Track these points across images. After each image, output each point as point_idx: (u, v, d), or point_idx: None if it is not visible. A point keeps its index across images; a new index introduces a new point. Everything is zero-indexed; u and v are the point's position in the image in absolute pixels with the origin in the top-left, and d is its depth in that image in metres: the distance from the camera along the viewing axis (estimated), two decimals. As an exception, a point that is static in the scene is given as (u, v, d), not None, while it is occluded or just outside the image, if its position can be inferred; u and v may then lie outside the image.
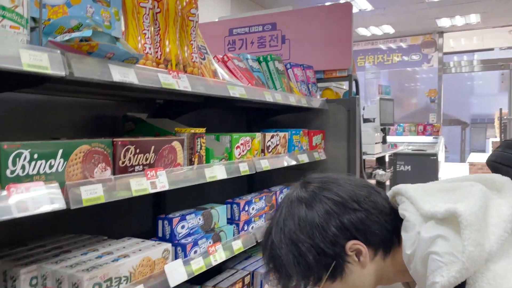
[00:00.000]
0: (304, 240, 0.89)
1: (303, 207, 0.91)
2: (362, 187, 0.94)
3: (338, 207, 0.89)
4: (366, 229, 0.90)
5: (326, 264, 0.89)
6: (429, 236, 0.84)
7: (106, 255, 1.07)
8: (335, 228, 0.88)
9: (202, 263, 1.27)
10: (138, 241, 1.20)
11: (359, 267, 0.91)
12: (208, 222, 1.40)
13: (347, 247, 0.89)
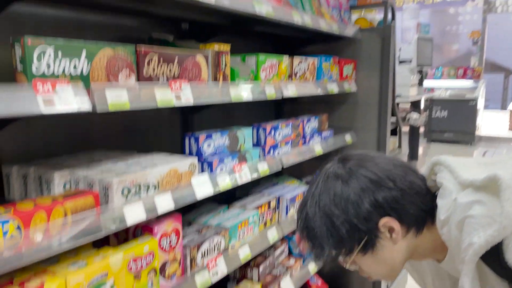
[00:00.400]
0: (338, 215, 0.92)
1: (339, 183, 0.93)
2: (399, 167, 0.96)
3: (374, 185, 0.92)
4: (400, 207, 0.92)
5: (359, 238, 0.93)
6: (466, 201, 0.87)
7: (135, 165, 1.11)
8: (369, 205, 0.91)
9: (228, 181, 1.30)
10: (166, 155, 1.23)
11: (391, 243, 0.94)
12: (234, 143, 1.41)
13: (380, 224, 0.92)
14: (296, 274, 1.76)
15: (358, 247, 0.94)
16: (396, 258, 0.98)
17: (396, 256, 0.98)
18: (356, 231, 0.93)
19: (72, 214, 0.87)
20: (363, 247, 0.94)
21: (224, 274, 1.30)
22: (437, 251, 1.02)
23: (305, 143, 1.83)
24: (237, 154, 1.39)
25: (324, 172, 0.98)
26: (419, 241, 0.99)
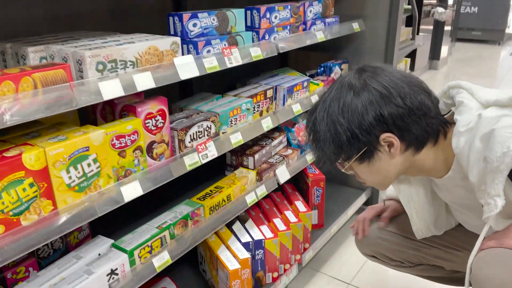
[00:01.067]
0: (342, 123, 0.95)
1: (351, 94, 0.96)
2: (413, 86, 0.96)
3: (383, 99, 0.93)
4: (403, 125, 0.94)
5: (358, 147, 0.97)
6: (492, 115, 0.90)
7: (113, 41, 1.06)
8: (373, 118, 0.93)
9: (216, 63, 1.25)
10: (147, 35, 1.18)
11: (388, 157, 0.98)
12: (223, 24, 1.34)
13: (381, 138, 0.95)
14: (292, 163, 1.79)
15: (356, 156, 0.99)
16: (390, 171, 1.03)
17: (391, 169, 1.02)
18: (357, 140, 0.96)
19: (43, 87, 0.86)
20: (361, 156, 0.99)
21: (214, 156, 1.31)
22: (436, 169, 1.06)
23: (306, 29, 1.72)
24: (227, 37, 1.32)
25: (340, 80, 1.01)
26: (417, 159, 1.02)
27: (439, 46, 5.57)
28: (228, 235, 1.58)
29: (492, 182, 0.88)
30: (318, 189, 1.97)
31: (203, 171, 1.73)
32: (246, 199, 1.53)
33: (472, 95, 1.00)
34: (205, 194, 1.44)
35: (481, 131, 0.90)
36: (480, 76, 5.49)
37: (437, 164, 1.05)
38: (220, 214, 1.43)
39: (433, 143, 1.01)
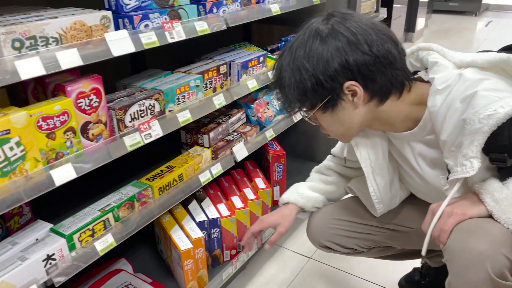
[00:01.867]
0: (307, 69, 0.95)
1: (318, 39, 0.95)
2: (381, 34, 0.94)
3: (350, 46, 0.92)
4: (368, 73, 0.93)
5: (322, 95, 0.97)
6: (476, 77, 0.91)
7: (36, 17, 1.00)
8: (338, 65, 0.92)
9: (155, 39, 1.19)
10: (77, 9, 1.11)
11: (352, 106, 0.99)
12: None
13: (345, 86, 0.95)
14: (251, 140, 1.76)
15: (320, 104, 0.99)
16: (353, 121, 1.04)
17: (354, 119, 1.03)
18: (321, 87, 0.96)
19: (-52, 66, 0.80)
20: (324, 105, 0.99)
21: (159, 135, 1.27)
22: (399, 123, 1.08)
23: (260, 1, 1.67)
24: (168, 10, 1.26)
25: (308, 26, 0.99)
26: (380, 110, 1.03)
27: (414, 18, 5.53)
28: (183, 215, 1.56)
29: (470, 143, 0.89)
30: (279, 165, 1.96)
31: (160, 149, 1.70)
32: (200, 178, 1.51)
33: (444, 56, 1.01)
34: (154, 174, 1.41)
35: (462, 91, 0.91)
36: (456, 48, 5.48)
37: (400, 118, 1.05)
38: (171, 195, 1.40)
39: (398, 96, 1.01)
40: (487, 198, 0.94)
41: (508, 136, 0.86)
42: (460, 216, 0.95)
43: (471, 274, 0.88)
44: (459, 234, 0.93)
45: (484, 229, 0.91)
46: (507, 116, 0.85)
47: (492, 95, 0.88)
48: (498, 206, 0.92)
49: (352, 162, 1.39)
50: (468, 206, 0.97)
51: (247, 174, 1.92)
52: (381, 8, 2.34)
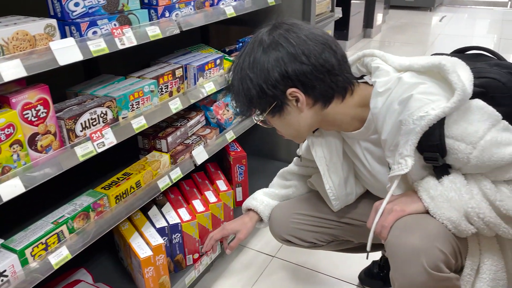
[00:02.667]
0: (251, 78, 1.02)
1: (261, 50, 1.02)
2: (320, 44, 1.00)
3: (289, 57, 0.98)
4: (307, 82, 1.00)
5: (268, 102, 1.04)
6: (413, 81, 0.98)
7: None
8: (278, 75, 0.99)
9: (104, 45, 1.17)
10: (20, 17, 1.07)
11: (297, 111, 1.06)
12: (113, 2, 1.25)
13: (287, 93, 1.02)
14: (211, 143, 1.76)
15: (268, 109, 1.06)
16: (301, 124, 1.10)
17: (301, 122, 1.09)
18: (265, 95, 1.03)
19: None
20: (272, 110, 1.06)
21: (113, 143, 1.25)
22: (346, 124, 1.15)
23: (214, 4, 1.66)
24: (117, 16, 1.23)
25: (256, 36, 1.05)
26: (326, 113, 1.10)
27: (372, 14, 5.66)
28: (143, 222, 1.54)
29: (405, 143, 0.97)
30: (241, 166, 1.97)
31: (117, 156, 1.67)
32: (159, 184, 1.49)
33: (385, 61, 1.09)
34: (111, 183, 1.39)
35: (400, 94, 0.99)
36: (413, 42, 5.67)
37: (346, 119, 1.13)
38: (129, 202, 1.39)
39: (341, 99, 1.08)
40: (424, 195, 1.01)
41: (439, 136, 0.93)
42: (399, 213, 1.03)
43: (408, 268, 0.95)
44: (397, 230, 1.00)
45: (419, 224, 0.98)
46: (437, 118, 0.92)
47: (425, 98, 0.95)
48: (433, 202, 0.99)
49: (311, 162, 1.42)
50: (407, 203, 1.04)
51: (209, 177, 1.92)
52: (336, 7, 2.38)
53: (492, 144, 0.94)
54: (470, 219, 0.97)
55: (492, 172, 0.97)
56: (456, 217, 0.97)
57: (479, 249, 1.04)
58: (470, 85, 0.96)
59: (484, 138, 0.94)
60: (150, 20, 1.37)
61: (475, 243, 1.04)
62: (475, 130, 0.94)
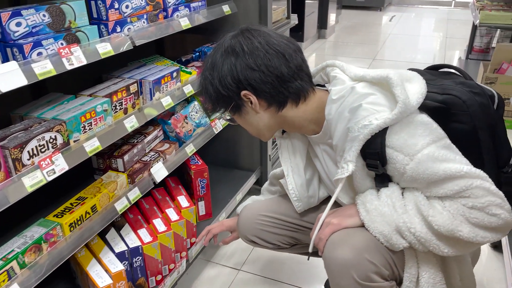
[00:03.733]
0: (211, 81, 1.10)
1: (219, 54, 1.09)
2: (273, 52, 1.06)
3: (240, 63, 1.05)
4: (256, 86, 1.07)
5: (226, 102, 1.12)
6: (363, 92, 1.03)
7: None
8: (231, 79, 1.07)
9: (51, 67, 1.09)
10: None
11: (253, 111, 1.13)
12: (59, 20, 1.17)
13: (242, 94, 1.09)
14: (170, 158, 1.70)
15: (228, 108, 1.14)
16: (259, 124, 1.17)
17: (259, 122, 1.16)
18: (222, 96, 1.11)
19: None
20: (232, 110, 1.14)
21: (64, 170, 1.18)
22: (304, 128, 1.19)
23: (168, 16, 1.61)
24: (64, 34, 1.16)
25: (222, 41, 1.11)
26: (283, 116, 1.15)
27: (325, 15, 5.75)
28: (101, 247, 1.46)
29: (350, 149, 1.02)
30: (202, 180, 1.92)
31: (69, 178, 1.57)
32: (116, 207, 1.42)
33: (343, 71, 1.14)
34: (64, 209, 1.31)
35: (351, 103, 1.04)
36: (365, 42, 5.81)
37: (304, 123, 1.17)
38: (85, 229, 1.31)
39: (295, 104, 1.13)
40: (361, 208, 1.07)
41: (380, 145, 0.99)
42: (336, 226, 1.09)
43: (340, 281, 1.02)
44: (331, 244, 1.07)
45: (351, 238, 1.05)
46: (378, 128, 0.97)
47: (372, 108, 1.00)
48: (368, 216, 1.05)
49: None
50: (345, 216, 1.11)
51: (169, 193, 1.86)
52: (292, 14, 2.39)
53: (429, 158, 0.98)
54: (402, 233, 1.02)
55: (428, 186, 1.01)
56: (387, 231, 1.02)
57: (417, 262, 1.10)
58: (416, 98, 1.01)
59: (421, 151, 0.98)
60: (101, 37, 1.30)
61: (412, 256, 1.09)
62: (414, 143, 0.98)
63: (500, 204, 0.96)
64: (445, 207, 0.99)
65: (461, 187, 0.96)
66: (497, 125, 1.10)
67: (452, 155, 1.00)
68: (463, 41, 5.16)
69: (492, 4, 3.73)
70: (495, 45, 3.68)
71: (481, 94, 1.08)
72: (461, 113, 1.05)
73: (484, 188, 0.96)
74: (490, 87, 1.16)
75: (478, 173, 0.97)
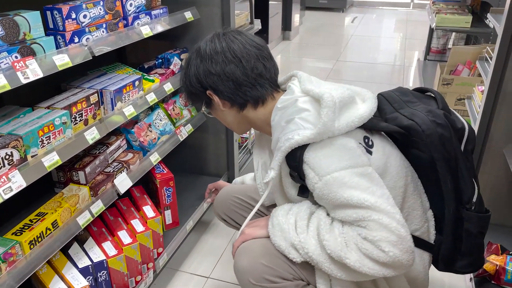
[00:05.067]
0: (183, 78, 1.24)
1: (192, 55, 1.21)
2: (232, 58, 1.14)
3: (203, 65, 1.16)
4: (216, 88, 1.17)
5: (198, 98, 1.24)
6: (301, 106, 1.08)
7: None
8: (196, 80, 1.19)
9: (5, 82, 1.05)
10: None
11: (219, 108, 1.22)
12: (12, 32, 1.13)
13: (207, 93, 1.20)
14: (134, 168, 1.67)
15: (202, 103, 1.26)
16: (228, 120, 1.26)
17: (227, 118, 1.26)
18: (192, 93, 1.23)
19: None
20: (206, 104, 1.25)
21: (22, 187, 1.13)
22: (264, 128, 1.26)
23: (128, 24, 1.58)
24: (18, 47, 1.12)
25: (201, 42, 1.21)
26: (245, 116, 1.23)
27: (289, 16, 5.81)
28: (63, 262, 1.42)
29: (274, 157, 1.10)
30: (168, 189, 1.90)
31: (28, 192, 1.52)
32: (79, 221, 1.39)
33: (299, 83, 1.17)
34: (23, 226, 1.26)
35: (289, 114, 1.09)
36: (329, 44, 5.92)
37: (263, 124, 1.24)
38: (46, 246, 1.27)
39: (254, 107, 1.20)
40: (269, 221, 1.17)
41: (298, 158, 1.04)
42: (246, 236, 1.20)
43: (242, 286, 1.15)
44: (237, 254, 1.18)
45: (252, 247, 1.16)
46: (297, 143, 1.03)
47: (301, 123, 1.05)
48: (272, 229, 1.14)
49: None
50: (257, 227, 1.21)
51: (134, 203, 1.83)
52: (255, 19, 2.40)
53: (336, 182, 1.01)
54: (298, 251, 1.09)
55: (333, 208, 1.06)
56: (284, 246, 1.11)
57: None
58: (347, 122, 1.04)
59: (331, 174, 1.01)
60: (58, 48, 1.27)
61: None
62: (328, 165, 1.02)
63: (394, 242, 0.97)
64: (342, 233, 1.03)
65: (359, 216, 0.99)
66: (458, 159, 1.10)
67: (365, 184, 1.01)
68: (422, 42, 5.35)
69: (447, 7, 3.88)
70: (451, 47, 3.83)
71: (444, 125, 1.08)
72: (420, 141, 1.08)
73: (381, 223, 0.97)
74: (463, 119, 1.16)
75: (382, 208, 0.99)
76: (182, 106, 2.10)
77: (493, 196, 1.96)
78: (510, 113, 1.81)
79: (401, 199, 1.12)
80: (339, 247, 1.02)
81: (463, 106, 3.28)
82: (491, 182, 1.94)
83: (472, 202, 1.13)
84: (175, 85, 1.90)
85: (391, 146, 1.15)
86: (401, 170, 1.12)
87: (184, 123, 2.04)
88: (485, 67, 2.14)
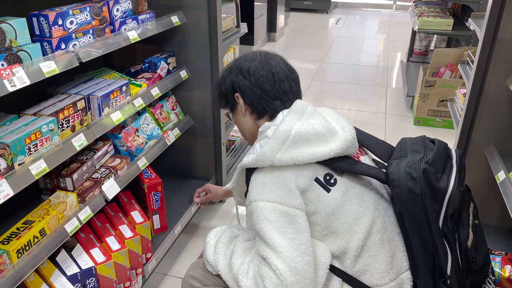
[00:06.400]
0: (218, 79, 1.31)
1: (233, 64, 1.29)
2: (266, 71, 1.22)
3: (238, 71, 1.24)
4: (244, 91, 1.23)
5: (225, 99, 1.30)
6: (266, 134, 1.12)
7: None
8: (229, 81, 1.26)
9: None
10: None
11: (241, 112, 1.27)
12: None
13: (235, 96, 1.26)
14: (122, 174, 1.67)
15: (228, 106, 1.31)
16: (244, 126, 1.30)
17: (244, 124, 1.30)
18: (223, 95, 1.30)
19: None
20: (230, 108, 1.31)
21: (9, 196, 1.12)
22: None
23: (115, 30, 1.57)
24: (4, 55, 1.11)
25: (241, 56, 1.29)
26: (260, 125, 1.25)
27: (274, 18, 5.84)
28: (51, 270, 1.41)
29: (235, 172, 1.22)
30: (156, 193, 1.90)
31: (15, 199, 1.50)
32: (67, 228, 1.38)
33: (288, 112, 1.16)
34: (10, 235, 1.25)
35: (260, 138, 1.15)
36: (314, 45, 5.96)
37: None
38: (33, 254, 1.26)
39: (269, 119, 1.23)
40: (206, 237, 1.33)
41: (248, 178, 1.12)
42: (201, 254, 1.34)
43: None
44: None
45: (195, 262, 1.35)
46: (244, 165, 1.12)
47: (258, 149, 1.08)
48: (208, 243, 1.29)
49: None
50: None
51: (122, 208, 1.82)
52: (242, 23, 2.41)
53: (257, 211, 1.06)
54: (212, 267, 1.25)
55: (256, 234, 1.10)
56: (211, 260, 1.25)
57: None
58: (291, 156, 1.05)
59: (257, 202, 1.06)
60: (44, 55, 1.26)
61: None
62: (258, 192, 1.07)
63: (276, 284, 1.00)
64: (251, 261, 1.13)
65: (262, 250, 1.05)
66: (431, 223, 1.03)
67: (281, 223, 1.03)
68: (405, 43, 5.44)
69: (429, 10, 3.95)
70: (433, 49, 3.90)
71: (417, 180, 1.02)
72: (392, 192, 1.06)
73: (272, 263, 1.02)
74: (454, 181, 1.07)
75: (282, 250, 1.01)
76: (169, 110, 2.10)
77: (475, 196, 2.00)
78: (491, 116, 1.86)
79: (361, 245, 1.08)
80: (240, 271, 1.13)
81: (445, 108, 3.35)
82: (473, 183, 1.99)
83: (448, 276, 1.03)
84: (162, 90, 1.90)
85: (363, 191, 1.11)
86: (364, 216, 1.08)
87: (171, 127, 2.04)
88: (467, 70, 2.20)
